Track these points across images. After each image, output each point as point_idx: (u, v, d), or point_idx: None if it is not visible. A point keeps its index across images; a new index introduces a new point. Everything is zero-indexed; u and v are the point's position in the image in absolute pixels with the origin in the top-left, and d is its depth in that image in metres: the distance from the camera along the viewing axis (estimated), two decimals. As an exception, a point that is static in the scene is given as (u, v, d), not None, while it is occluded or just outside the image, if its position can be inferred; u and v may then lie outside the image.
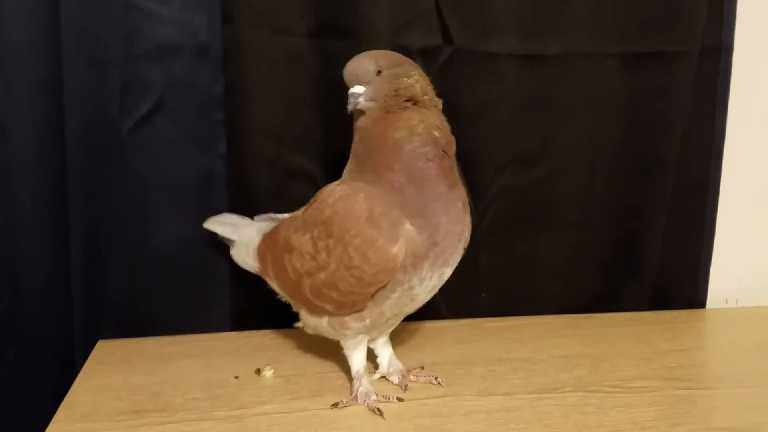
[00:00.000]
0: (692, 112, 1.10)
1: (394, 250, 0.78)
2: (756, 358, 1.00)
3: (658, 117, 1.10)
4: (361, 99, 0.80)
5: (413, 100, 0.80)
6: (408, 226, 0.78)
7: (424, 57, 1.02)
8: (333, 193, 0.83)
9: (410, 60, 0.84)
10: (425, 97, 0.81)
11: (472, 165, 1.06)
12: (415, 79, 0.81)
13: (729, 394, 0.90)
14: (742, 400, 0.88)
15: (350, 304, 0.82)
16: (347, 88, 0.81)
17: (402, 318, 0.90)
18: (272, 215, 0.98)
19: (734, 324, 1.13)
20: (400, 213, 0.78)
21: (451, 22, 1.02)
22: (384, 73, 0.80)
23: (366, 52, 0.82)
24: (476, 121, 1.05)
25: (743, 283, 1.20)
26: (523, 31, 1.04)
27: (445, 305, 1.11)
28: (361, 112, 0.81)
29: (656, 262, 1.15)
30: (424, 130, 0.80)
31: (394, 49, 0.99)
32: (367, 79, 0.80)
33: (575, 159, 1.10)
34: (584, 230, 1.13)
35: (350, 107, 0.80)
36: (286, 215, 0.95)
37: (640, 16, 1.06)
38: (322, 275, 0.82)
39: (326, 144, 1.04)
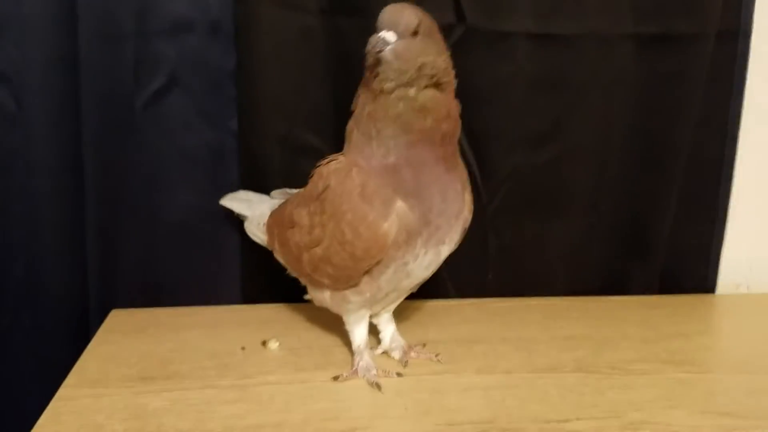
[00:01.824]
0: (707, 96, 1.09)
1: (386, 225, 0.78)
2: (761, 344, 1.00)
3: (672, 100, 1.09)
4: (388, 48, 0.75)
5: (435, 83, 0.78)
6: (400, 203, 0.79)
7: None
8: (329, 164, 0.83)
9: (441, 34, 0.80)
10: (446, 79, 0.79)
11: (482, 145, 1.07)
12: (444, 59, 0.78)
13: (729, 379, 0.90)
14: (742, 386, 0.88)
15: (345, 278, 0.83)
16: (360, 64, 0.78)
17: (404, 295, 0.91)
18: (288, 190, 0.99)
19: (743, 310, 1.13)
20: (393, 192, 0.79)
21: (465, 1, 1.02)
22: (419, 37, 0.76)
23: (410, 4, 0.78)
24: (488, 101, 1.06)
25: (755, 270, 1.19)
26: (537, 11, 1.03)
27: (453, 285, 1.13)
28: (373, 79, 0.77)
29: (666, 246, 1.15)
30: (434, 122, 0.78)
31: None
32: (403, 33, 0.75)
33: (587, 141, 1.10)
34: (594, 213, 1.13)
35: (374, 49, 0.75)
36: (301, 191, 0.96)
37: (656, -3, 1.05)
38: (318, 250, 0.83)
39: (337, 121, 1.03)
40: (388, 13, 0.76)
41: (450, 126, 0.80)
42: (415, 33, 0.76)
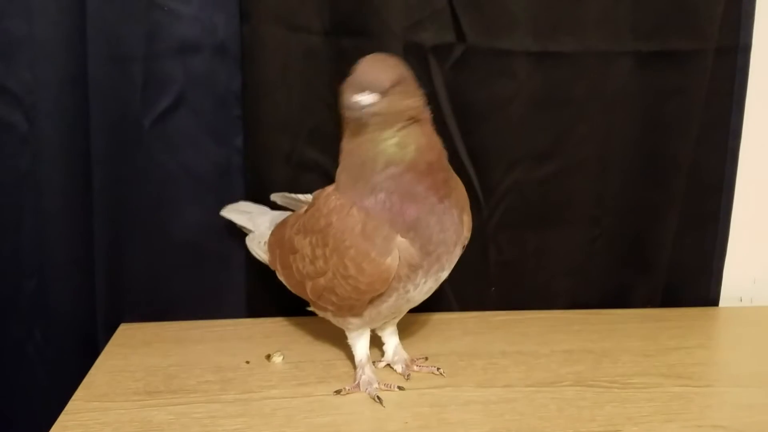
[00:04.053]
0: (708, 111, 1.10)
1: (388, 261, 0.80)
2: (761, 357, 1.00)
3: (672, 116, 1.10)
4: (370, 110, 0.76)
5: (413, 120, 0.79)
6: (400, 239, 0.80)
7: (436, 54, 1.04)
8: (328, 201, 0.84)
9: (409, 70, 0.80)
10: (423, 116, 0.80)
11: (483, 161, 1.09)
12: (418, 98, 0.79)
13: (727, 392, 0.91)
14: (739, 399, 0.89)
15: (348, 308, 0.85)
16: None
17: (403, 313, 0.93)
18: (288, 195, 1.01)
19: (745, 323, 1.13)
20: (392, 229, 0.80)
21: (464, 20, 1.03)
22: (397, 88, 0.76)
23: (380, 59, 0.79)
24: (488, 118, 1.07)
25: (758, 282, 1.20)
26: (537, 29, 1.04)
27: (455, 299, 1.14)
28: (354, 124, 0.79)
29: (668, 260, 1.15)
30: (416, 153, 0.79)
31: (407, 46, 1.02)
32: (380, 91, 0.75)
33: (587, 157, 1.11)
34: (595, 228, 1.14)
35: (357, 115, 0.76)
36: (301, 196, 0.98)
37: (655, 14, 1.05)
38: (321, 280, 0.85)
39: (340, 138, 1.06)
40: (362, 76, 0.76)
41: (433, 156, 0.81)
42: (391, 86, 0.76)
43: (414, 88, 0.79)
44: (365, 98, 0.75)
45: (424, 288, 0.84)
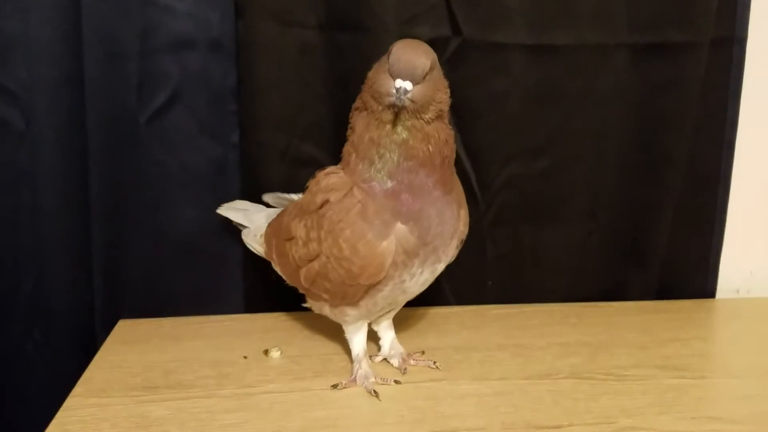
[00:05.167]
0: (704, 103, 1.10)
1: (384, 244, 0.80)
2: (757, 349, 1.01)
3: (668, 108, 1.10)
4: (407, 96, 0.75)
5: (440, 113, 0.80)
6: (399, 225, 0.80)
7: (432, 49, 1.04)
8: (328, 177, 0.85)
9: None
10: (446, 109, 0.81)
11: (479, 155, 1.09)
12: (445, 90, 0.80)
13: (721, 384, 0.91)
14: (734, 391, 0.89)
15: (341, 295, 0.85)
16: (358, 79, 0.81)
17: (400, 306, 0.93)
18: (281, 195, 1.02)
19: (742, 315, 1.14)
20: (392, 216, 0.80)
21: (460, 14, 1.03)
22: (430, 75, 0.77)
23: (415, 45, 0.78)
24: (484, 112, 1.07)
25: (755, 274, 1.20)
26: (532, 23, 1.04)
27: (452, 293, 1.14)
28: (382, 111, 0.78)
29: (664, 253, 1.16)
30: (434, 147, 0.80)
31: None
32: (418, 79, 0.76)
33: (584, 150, 1.11)
34: (592, 222, 1.14)
35: (399, 103, 0.75)
36: (293, 196, 0.98)
37: (650, 6, 1.05)
38: (315, 265, 0.85)
39: (336, 133, 1.06)
40: (404, 62, 0.75)
41: (448, 150, 0.82)
42: (428, 73, 0.77)
43: (443, 79, 0.81)
44: (406, 86, 0.75)
45: (420, 279, 0.85)
